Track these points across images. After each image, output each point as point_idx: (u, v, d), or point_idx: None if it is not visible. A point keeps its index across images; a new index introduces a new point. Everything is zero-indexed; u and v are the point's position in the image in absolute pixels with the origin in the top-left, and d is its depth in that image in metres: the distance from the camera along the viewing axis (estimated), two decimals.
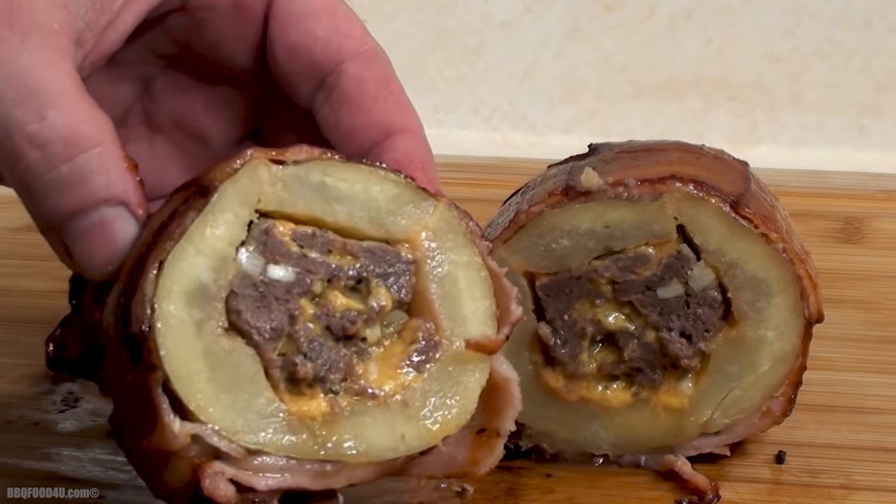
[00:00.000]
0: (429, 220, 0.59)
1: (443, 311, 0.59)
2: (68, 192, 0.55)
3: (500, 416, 0.60)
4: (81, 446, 0.72)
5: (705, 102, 1.18)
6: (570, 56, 1.19)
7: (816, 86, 1.17)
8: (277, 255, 0.56)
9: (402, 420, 0.57)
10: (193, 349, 0.54)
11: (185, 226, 0.54)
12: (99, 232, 0.56)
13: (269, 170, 0.57)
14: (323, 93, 0.63)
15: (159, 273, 0.54)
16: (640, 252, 0.68)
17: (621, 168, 0.69)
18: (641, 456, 0.70)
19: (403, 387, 0.58)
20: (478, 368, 0.59)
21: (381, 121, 0.62)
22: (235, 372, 0.55)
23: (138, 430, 0.55)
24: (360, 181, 0.58)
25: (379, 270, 0.58)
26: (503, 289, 0.60)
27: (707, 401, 0.69)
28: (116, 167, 0.55)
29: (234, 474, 0.54)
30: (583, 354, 0.69)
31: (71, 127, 0.54)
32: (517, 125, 1.20)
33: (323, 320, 0.57)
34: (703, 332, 0.68)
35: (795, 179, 1.04)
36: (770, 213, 0.68)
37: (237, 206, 0.56)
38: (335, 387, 0.57)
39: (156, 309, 0.53)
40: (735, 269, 0.67)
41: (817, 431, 0.73)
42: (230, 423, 0.54)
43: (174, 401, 0.54)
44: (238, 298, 0.55)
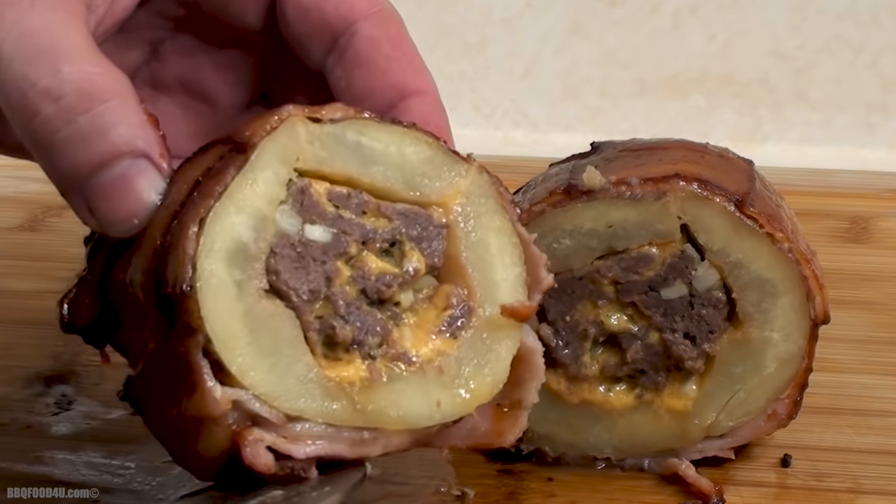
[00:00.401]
0: (462, 183, 0.59)
1: (475, 276, 0.59)
2: (88, 145, 0.54)
3: (524, 388, 0.60)
4: (75, 449, 0.72)
5: (710, 100, 1.18)
6: (572, 52, 1.19)
7: (823, 83, 1.17)
8: (314, 214, 0.56)
9: (438, 387, 0.57)
10: (234, 311, 0.53)
11: (225, 183, 0.54)
12: (122, 186, 0.54)
13: (306, 128, 0.56)
14: (335, 54, 0.63)
15: (200, 230, 0.53)
16: (643, 252, 0.68)
17: (624, 167, 0.69)
18: (644, 459, 0.70)
19: (439, 353, 0.58)
20: (509, 336, 0.59)
21: (395, 82, 0.62)
22: (276, 335, 0.54)
23: (169, 397, 0.54)
24: (394, 142, 0.58)
25: (413, 233, 0.58)
26: (532, 256, 0.60)
27: (711, 403, 0.69)
28: (137, 118, 0.54)
29: (272, 441, 0.54)
30: (585, 356, 0.69)
31: (86, 79, 0.54)
32: (518, 123, 1.20)
33: (359, 283, 0.57)
34: (708, 334, 0.68)
35: (801, 178, 1.04)
36: (775, 213, 0.68)
37: (276, 164, 0.55)
38: (373, 351, 0.57)
39: (197, 268, 0.52)
40: (740, 270, 0.67)
41: (823, 434, 0.73)
42: (270, 389, 0.53)
43: (213, 365, 0.53)
44: (277, 258, 0.55)
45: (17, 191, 1.01)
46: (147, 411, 0.57)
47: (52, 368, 0.79)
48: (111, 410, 0.75)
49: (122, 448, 0.71)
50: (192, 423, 0.53)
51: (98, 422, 0.74)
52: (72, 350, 0.80)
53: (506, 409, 0.60)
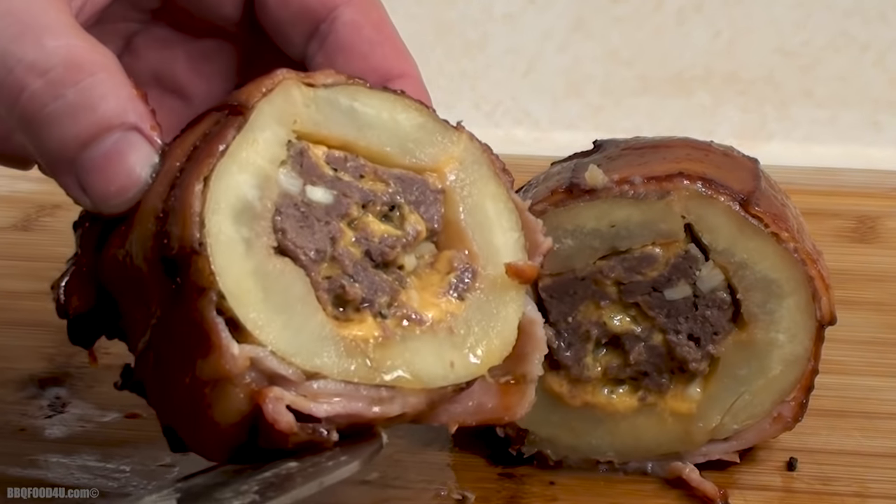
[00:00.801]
0: (454, 150, 0.60)
1: (476, 239, 0.60)
2: (77, 119, 0.53)
3: (527, 361, 0.60)
4: (70, 453, 0.71)
5: (714, 97, 1.18)
6: (574, 50, 1.19)
7: (829, 80, 1.17)
8: (314, 176, 0.57)
9: (450, 347, 0.58)
10: (244, 268, 0.53)
11: (226, 141, 0.54)
12: (114, 159, 0.54)
13: (301, 91, 0.57)
14: (316, 40, 0.63)
15: (205, 189, 0.53)
16: (646, 252, 0.68)
17: (627, 165, 0.69)
18: (648, 463, 0.70)
19: (447, 313, 0.58)
20: (514, 300, 0.60)
21: (378, 66, 0.62)
22: (287, 292, 0.54)
23: (180, 364, 0.53)
24: (386, 108, 0.59)
25: (410, 198, 0.59)
26: (528, 222, 0.61)
27: (716, 406, 0.69)
28: (126, 91, 0.54)
29: (292, 400, 0.53)
30: (587, 358, 0.69)
31: (72, 52, 0.54)
32: (520, 121, 1.20)
33: (362, 245, 0.57)
34: (712, 335, 0.68)
35: (807, 177, 1.04)
36: (781, 212, 0.68)
37: (275, 125, 0.56)
38: (383, 310, 0.57)
39: (205, 224, 0.52)
40: (745, 270, 0.67)
41: (830, 437, 0.73)
42: (287, 345, 0.53)
43: (228, 322, 0.52)
44: (282, 217, 0.55)
45: (10, 190, 1.01)
46: (153, 389, 0.56)
47: (45, 370, 0.79)
48: (106, 413, 0.75)
49: (118, 451, 0.71)
50: (208, 386, 0.53)
51: (93, 425, 0.74)
52: (66, 352, 0.80)
53: (512, 383, 0.60)
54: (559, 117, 1.19)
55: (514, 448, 0.70)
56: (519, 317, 0.60)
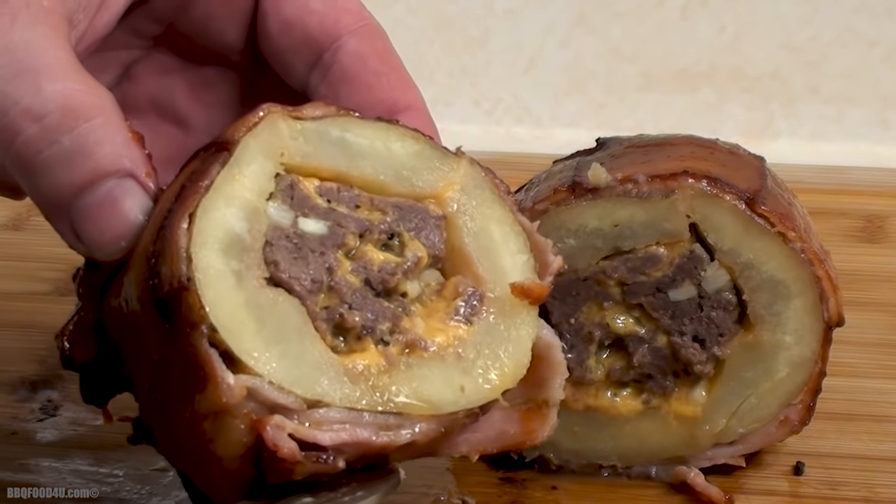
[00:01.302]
0: (454, 175, 0.60)
1: (482, 263, 0.59)
2: (72, 166, 0.54)
3: (547, 386, 0.60)
4: (62, 457, 0.71)
5: (719, 94, 1.18)
6: (576, 45, 1.19)
7: (836, 77, 1.17)
8: (306, 207, 0.56)
9: (459, 372, 0.57)
10: (236, 300, 0.53)
11: (211, 177, 0.54)
12: (108, 207, 0.54)
13: (288, 124, 0.57)
14: (319, 71, 0.63)
15: (190, 225, 0.53)
16: (650, 252, 0.68)
17: (631, 163, 0.69)
18: (652, 467, 0.70)
19: (454, 339, 0.58)
20: (526, 322, 0.59)
21: (384, 98, 0.62)
22: (283, 323, 0.54)
23: (180, 402, 0.54)
24: (379, 137, 0.59)
25: (410, 225, 0.59)
26: (537, 243, 0.61)
27: (721, 409, 0.69)
28: (122, 136, 0.54)
29: (294, 429, 0.53)
30: (590, 360, 0.69)
31: (69, 96, 0.54)
32: (521, 118, 1.20)
33: (361, 273, 0.57)
34: (717, 337, 0.68)
35: (814, 175, 1.04)
36: (787, 211, 0.68)
37: (261, 159, 0.56)
38: (385, 337, 0.57)
39: (192, 259, 0.52)
40: (751, 270, 0.67)
41: (838, 441, 0.73)
42: (285, 374, 0.53)
43: (222, 354, 0.52)
44: (274, 249, 0.55)
45: None
46: (160, 434, 0.56)
47: (37, 373, 0.79)
48: (99, 417, 0.73)
49: (111, 455, 0.71)
50: (208, 420, 0.53)
51: (85, 428, 0.74)
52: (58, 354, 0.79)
53: (532, 409, 0.60)
54: (561, 114, 1.19)
55: (515, 452, 0.70)
56: (532, 338, 0.59)
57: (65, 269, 0.86)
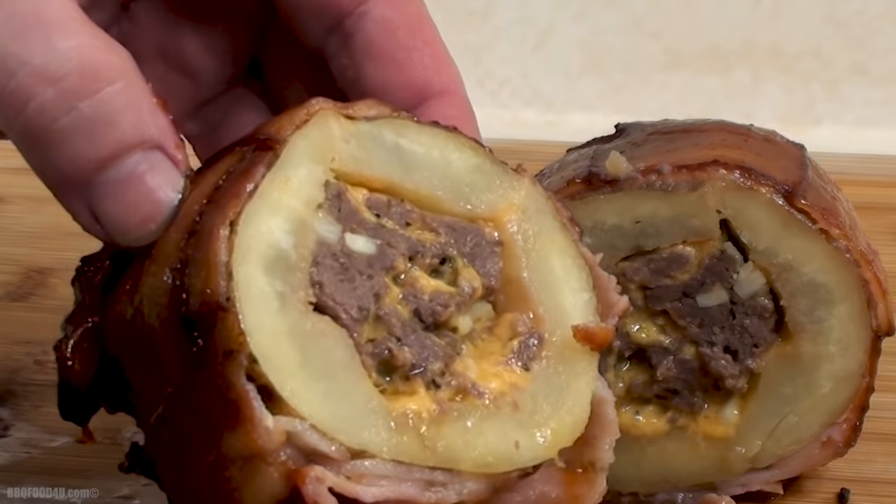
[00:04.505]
0: (515, 196, 0.60)
1: (542, 301, 0.59)
2: (93, 137, 0.52)
3: (595, 447, 0.60)
4: (13, 483, 0.72)
5: (754, 75, 1.18)
6: (593, 19, 1.19)
7: (885, 55, 1.17)
8: (354, 223, 0.56)
9: (515, 426, 0.57)
10: (279, 327, 0.52)
11: (255, 180, 0.53)
12: (135, 184, 0.53)
13: (340, 124, 0.56)
14: (338, 37, 0.62)
15: (232, 234, 0.52)
16: (676, 252, 0.68)
17: (654, 152, 0.69)
18: (678, 494, 0.71)
19: (510, 386, 0.57)
20: (586, 371, 0.59)
21: (415, 80, 0.61)
22: (328, 356, 0.53)
23: (202, 440, 0.53)
24: (437, 146, 0.58)
25: (465, 249, 0.58)
26: (600, 279, 0.61)
27: (756, 429, 0.69)
28: (147, 102, 0.53)
29: (335, 482, 0.52)
30: (608, 374, 0.69)
31: (87, 55, 0.52)
32: (530, 101, 1.20)
33: (411, 303, 0.57)
34: (752, 348, 0.68)
35: (861, 166, 1.04)
36: (831, 206, 0.68)
37: (310, 163, 0.55)
38: (437, 379, 0.56)
39: (233, 276, 0.52)
40: (789, 273, 0.67)
41: (887, 465, 0.74)
42: (329, 418, 0.52)
43: (261, 389, 0.51)
44: (320, 269, 0.54)
45: None
46: (167, 470, 0.55)
47: None
48: (55, 437, 0.75)
49: (68, 481, 0.71)
50: (236, 465, 0.52)
51: (39, 450, 0.74)
52: (8, 366, 0.80)
53: (579, 471, 0.59)
54: (575, 97, 1.19)
55: None
56: (593, 389, 0.59)
57: (16, 272, 0.85)
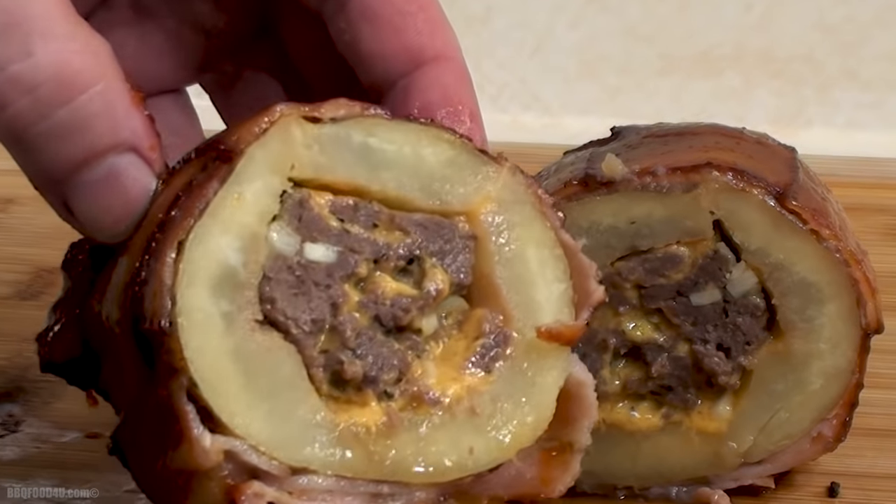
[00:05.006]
0: (491, 188, 0.58)
1: (512, 297, 0.58)
2: (67, 142, 0.52)
3: (574, 428, 0.59)
4: (24, 477, 0.71)
5: (746, 79, 1.18)
6: (589, 25, 1.19)
7: (874, 60, 1.17)
8: (315, 231, 0.55)
9: (470, 431, 0.56)
10: (223, 348, 0.52)
11: (206, 199, 0.53)
12: (108, 185, 0.53)
13: (302, 129, 0.55)
14: (335, 1, 0.60)
15: (179, 256, 0.52)
16: (670, 252, 0.68)
17: (649, 154, 0.69)
18: (672, 488, 0.70)
19: (470, 390, 0.57)
20: (554, 365, 0.58)
21: (410, 45, 0.60)
22: (273, 375, 0.53)
23: (153, 449, 0.53)
24: (409, 142, 0.57)
25: (433, 247, 0.57)
26: (580, 266, 0.59)
27: (748, 424, 0.68)
28: (122, 105, 0.53)
29: (275, 497, 0.52)
30: (604, 370, 0.69)
31: (64, 62, 0.52)
32: (528, 105, 1.20)
33: (370, 309, 0.56)
34: (744, 345, 0.68)
35: (850, 168, 1.04)
36: (821, 207, 0.68)
37: (268, 174, 0.54)
38: (389, 389, 0.56)
39: (177, 301, 0.51)
40: (781, 272, 0.67)
41: (876, 460, 0.73)
42: (269, 437, 0.52)
43: (201, 410, 0.52)
44: (272, 284, 0.54)
45: None
46: (133, 465, 0.56)
47: None
48: (65, 433, 0.75)
49: (78, 475, 0.71)
50: (183, 477, 0.52)
51: (49, 446, 0.74)
52: (20, 364, 0.79)
53: (554, 453, 0.59)
54: (572, 101, 1.19)
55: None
56: (560, 384, 0.58)
57: (26, 272, 0.85)
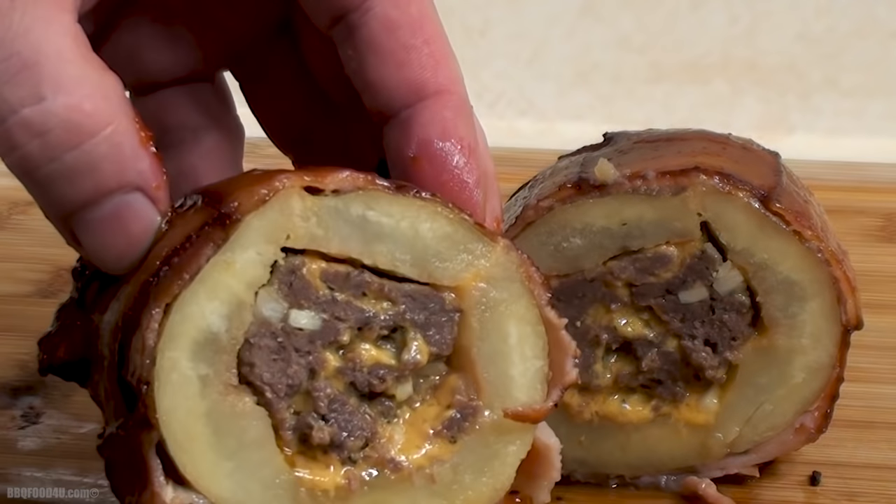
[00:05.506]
0: (483, 265, 0.57)
1: (487, 372, 0.58)
2: (74, 183, 0.52)
3: (535, 485, 0.59)
4: (44, 466, 0.71)
5: (732, 87, 1.18)
6: (582, 35, 1.19)
7: (855, 69, 1.17)
8: (303, 298, 0.55)
9: (426, 497, 0.56)
10: (196, 410, 0.52)
11: (199, 265, 0.52)
12: (114, 223, 0.53)
13: (303, 202, 0.54)
14: (343, 29, 0.60)
15: (164, 318, 0.52)
16: (660, 252, 0.68)
17: (640, 159, 0.69)
18: (661, 477, 0.70)
19: (432, 459, 0.57)
20: (517, 440, 0.58)
21: (413, 79, 0.59)
22: (241, 436, 0.53)
23: (126, 484, 0.54)
24: (407, 217, 0.56)
25: (419, 319, 0.57)
26: (560, 343, 0.58)
27: (734, 416, 0.69)
28: (130, 146, 0.52)
29: None
30: (597, 365, 0.69)
31: (73, 108, 0.51)
32: (524, 112, 1.20)
33: (347, 376, 0.56)
34: (730, 341, 0.68)
35: (831, 172, 1.04)
36: (803, 209, 0.68)
37: (262, 244, 0.54)
38: (353, 455, 0.56)
39: (157, 362, 0.51)
40: (765, 271, 0.67)
41: (855, 450, 0.73)
42: (230, 495, 0.53)
43: (167, 463, 0.52)
44: (252, 350, 0.54)
45: None
46: (111, 479, 0.56)
47: (18, 378, 0.79)
48: (83, 424, 0.75)
49: (95, 465, 0.71)
50: None
51: (68, 436, 0.74)
52: None
53: (517, 501, 0.59)
54: (566, 108, 1.19)
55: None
56: (521, 457, 0.58)
57: (47, 270, 0.86)
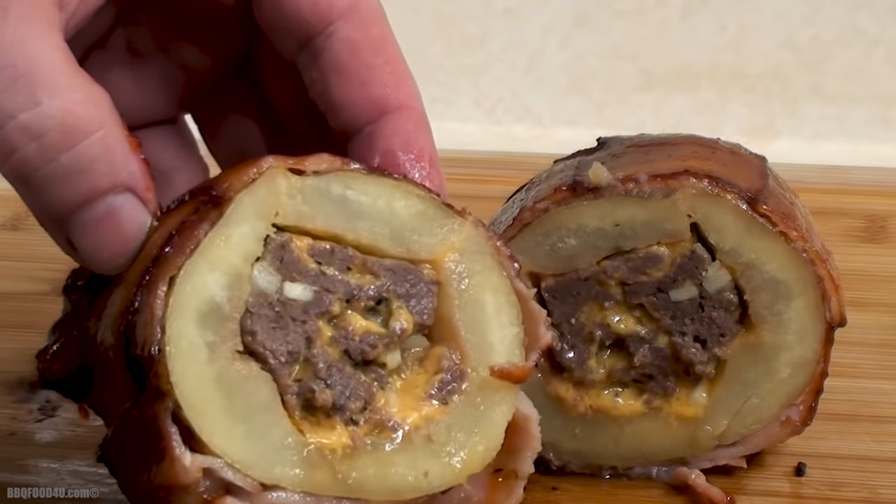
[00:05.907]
0: (455, 239, 0.59)
1: (468, 338, 0.59)
2: (70, 184, 0.53)
3: (518, 457, 0.60)
4: (60, 458, 0.72)
5: (720, 94, 1.18)
6: (577, 44, 1.19)
7: (838, 76, 1.17)
8: (294, 271, 0.56)
9: (426, 456, 0.57)
10: (206, 375, 0.53)
11: (197, 239, 0.54)
12: (106, 223, 0.54)
13: (287, 181, 0.56)
14: (308, 53, 0.61)
15: (170, 291, 0.53)
16: (651, 252, 0.68)
17: (632, 163, 0.69)
18: (653, 468, 0.71)
19: (427, 419, 0.58)
20: (504, 401, 0.59)
21: (375, 96, 0.61)
22: (250, 400, 0.54)
23: (140, 464, 0.54)
24: (383, 195, 0.58)
25: (400, 290, 0.58)
26: (531, 312, 0.60)
27: (722, 410, 0.69)
28: (120, 149, 0.54)
29: None
30: (591, 360, 0.69)
31: (68, 111, 0.53)
32: (521, 118, 1.20)
33: (341, 344, 0.57)
34: (719, 337, 0.68)
35: (816, 175, 1.04)
36: (789, 211, 0.68)
37: (254, 219, 0.55)
38: (355, 416, 0.57)
39: (166, 331, 0.53)
40: (752, 270, 0.67)
41: (839, 442, 0.74)
42: (244, 456, 0.54)
43: (183, 431, 0.53)
44: (253, 318, 0.55)
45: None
46: (119, 475, 0.57)
47: (35, 373, 0.79)
48: (97, 417, 0.75)
49: None
50: (163, 491, 0.54)
51: (83, 429, 0.74)
52: None
53: (500, 479, 0.60)
54: (561, 114, 1.19)
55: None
56: (509, 418, 0.59)
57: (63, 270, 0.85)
